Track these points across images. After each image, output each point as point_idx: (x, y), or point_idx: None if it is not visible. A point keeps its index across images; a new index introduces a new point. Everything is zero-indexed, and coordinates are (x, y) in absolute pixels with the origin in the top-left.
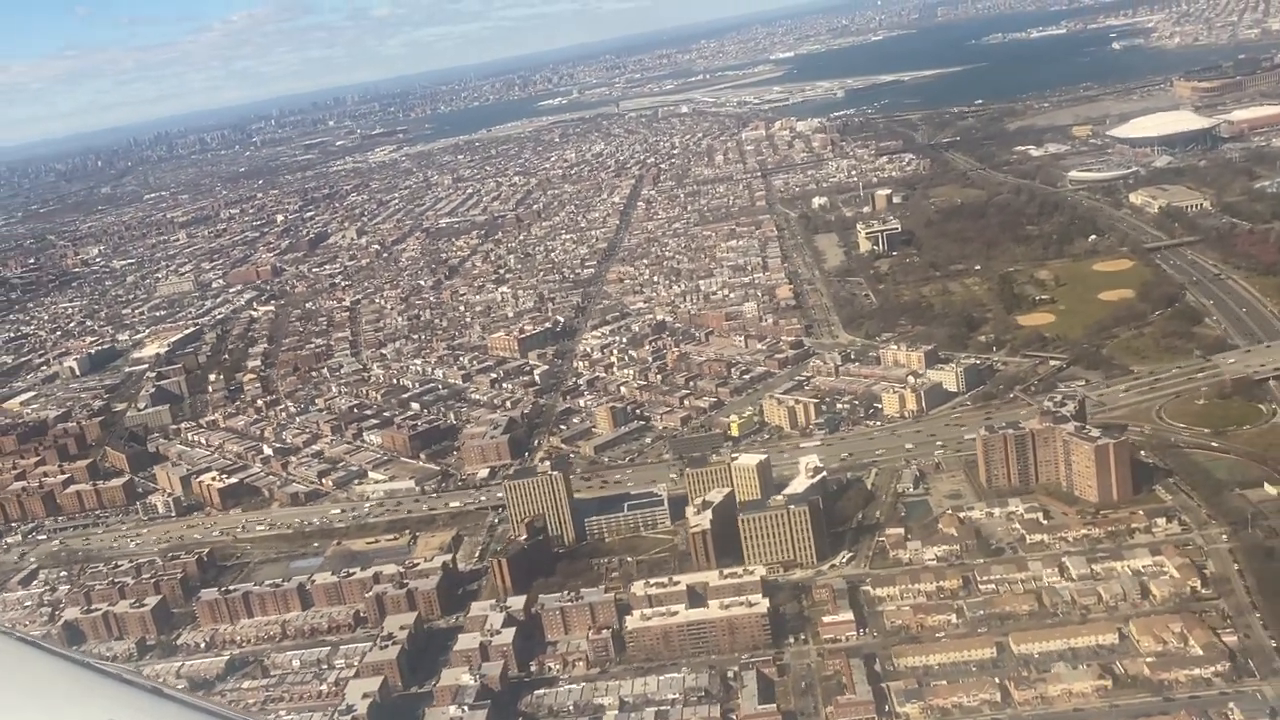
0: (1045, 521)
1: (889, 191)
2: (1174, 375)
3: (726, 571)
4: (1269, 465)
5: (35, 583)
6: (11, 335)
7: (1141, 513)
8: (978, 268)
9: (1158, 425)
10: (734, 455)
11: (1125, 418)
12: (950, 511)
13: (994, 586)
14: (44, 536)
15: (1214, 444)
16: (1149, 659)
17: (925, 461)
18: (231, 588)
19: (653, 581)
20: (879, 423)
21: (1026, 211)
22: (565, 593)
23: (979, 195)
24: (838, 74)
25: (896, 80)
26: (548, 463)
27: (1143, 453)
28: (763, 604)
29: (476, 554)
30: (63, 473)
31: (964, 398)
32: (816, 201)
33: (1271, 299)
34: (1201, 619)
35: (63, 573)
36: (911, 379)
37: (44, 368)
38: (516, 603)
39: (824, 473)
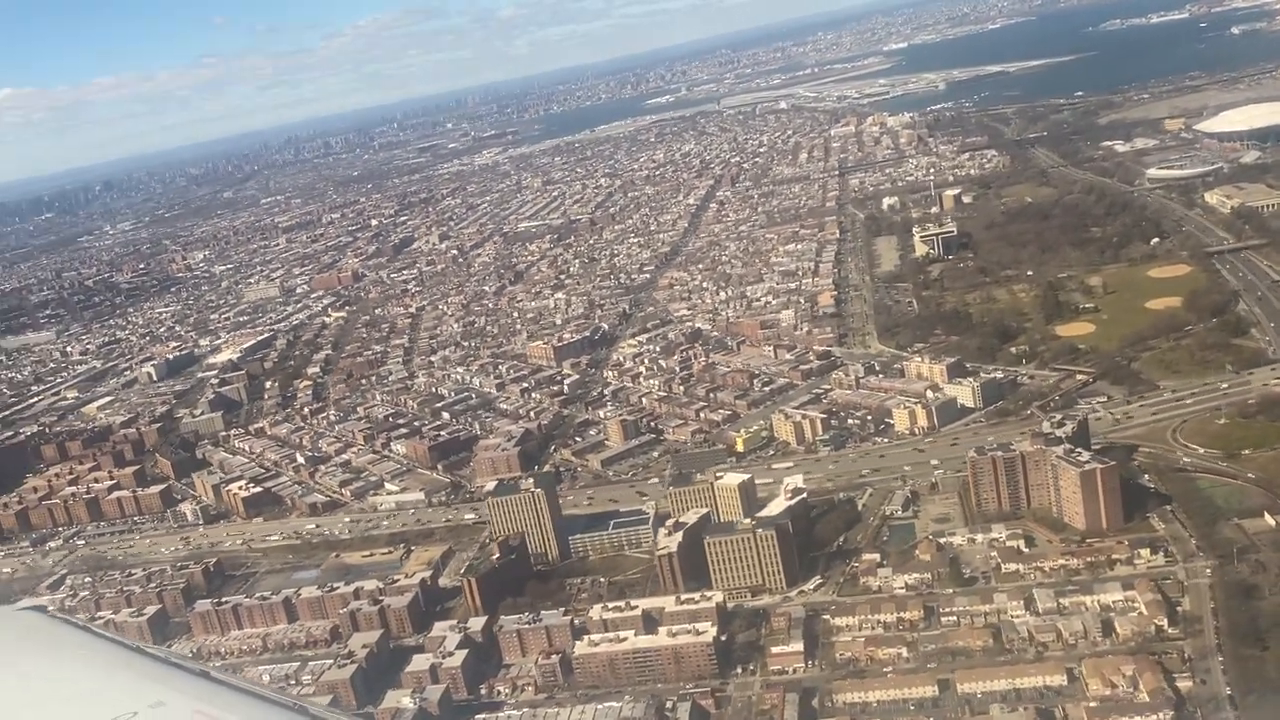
0: (1025, 550)
1: (958, 191)
2: (1201, 392)
3: (684, 597)
4: (1276, 493)
5: (63, 588)
6: (106, 340)
7: (1125, 543)
8: (1030, 273)
9: (1169, 446)
10: (718, 474)
11: (1139, 437)
12: (930, 537)
13: (955, 619)
14: (82, 542)
15: (1224, 468)
16: (1092, 704)
17: (922, 482)
18: (224, 599)
19: (610, 605)
20: (887, 439)
21: (1094, 212)
22: (524, 615)
23: (1052, 195)
24: (946, 65)
25: (1001, 71)
26: (531, 479)
27: (1146, 477)
28: (710, 633)
29: (462, 570)
30: (111, 478)
31: (979, 414)
32: (886, 201)
33: None
34: (1159, 662)
35: (87, 579)
36: (929, 394)
37: (128, 372)
38: (481, 623)
39: (804, 494)
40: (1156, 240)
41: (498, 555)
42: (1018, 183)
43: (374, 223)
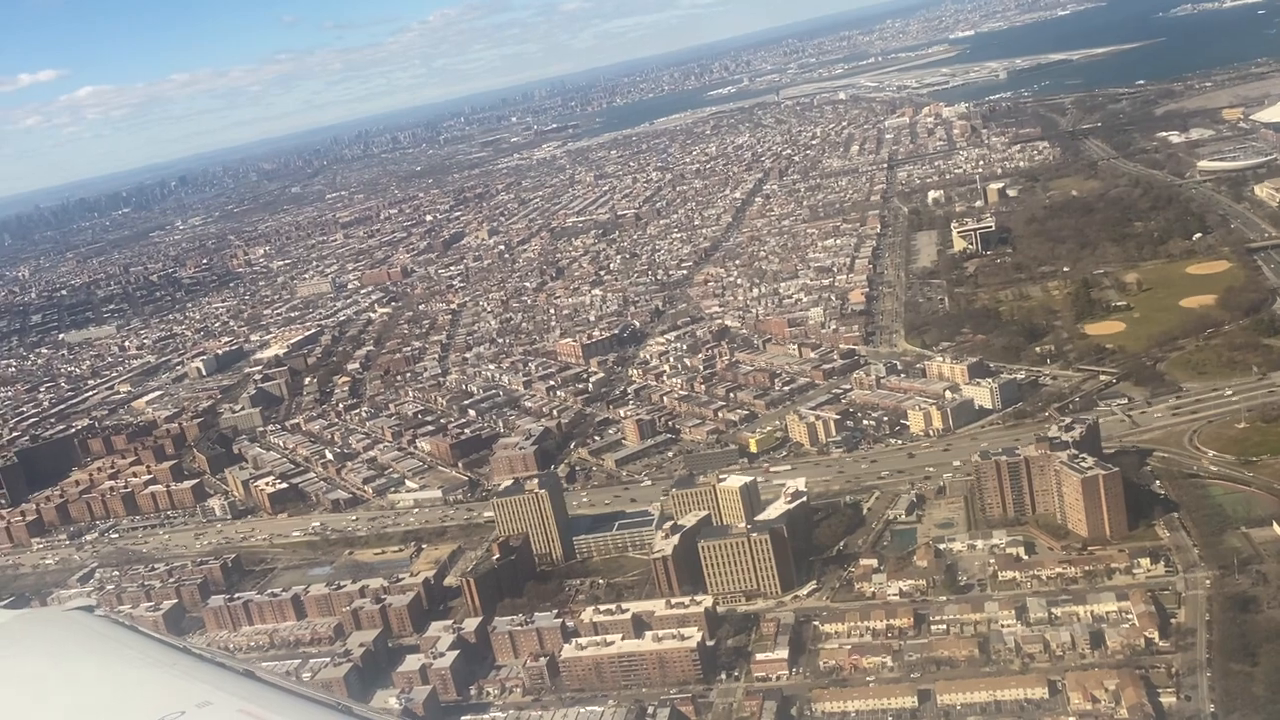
0: (1024, 557)
1: (1002, 185)
2: (1225, 394)
3: (674, 601)
4: None
5: (92, 581)
6: (162, 335)
7: (1126, 551)
8: (1066, 269)
9: (1185, 451)
10: (721, 476)
11: (1156, 441)
12: (930, 543)
13: (944, 627)
14: (116, 535)
15: (1239, 475)
16: (1071, 718)
17: (929, 486)
18: (236, 595)
19: (601, 608)
20: (901, 441)
21: (1138, 206)
22: (517, 616)
23: (1098, 188)
24: (1010, 53)
25: (1065, 60)
26: (536, 480)
27: (1157, 483)
28: (695, 638)
29: (470, 569)
30: (149, 473)
31: (996, 416)
32: (931, 195)
33: None
34: (1145, 676)
35: (114, 572)
36: (948, 394)
37: (179, 367)
38: (475, 624)
39: (804, 497)
40: (1198, 235)
41: (497, 556)
42: (1066, 175)
43: (429, 218)
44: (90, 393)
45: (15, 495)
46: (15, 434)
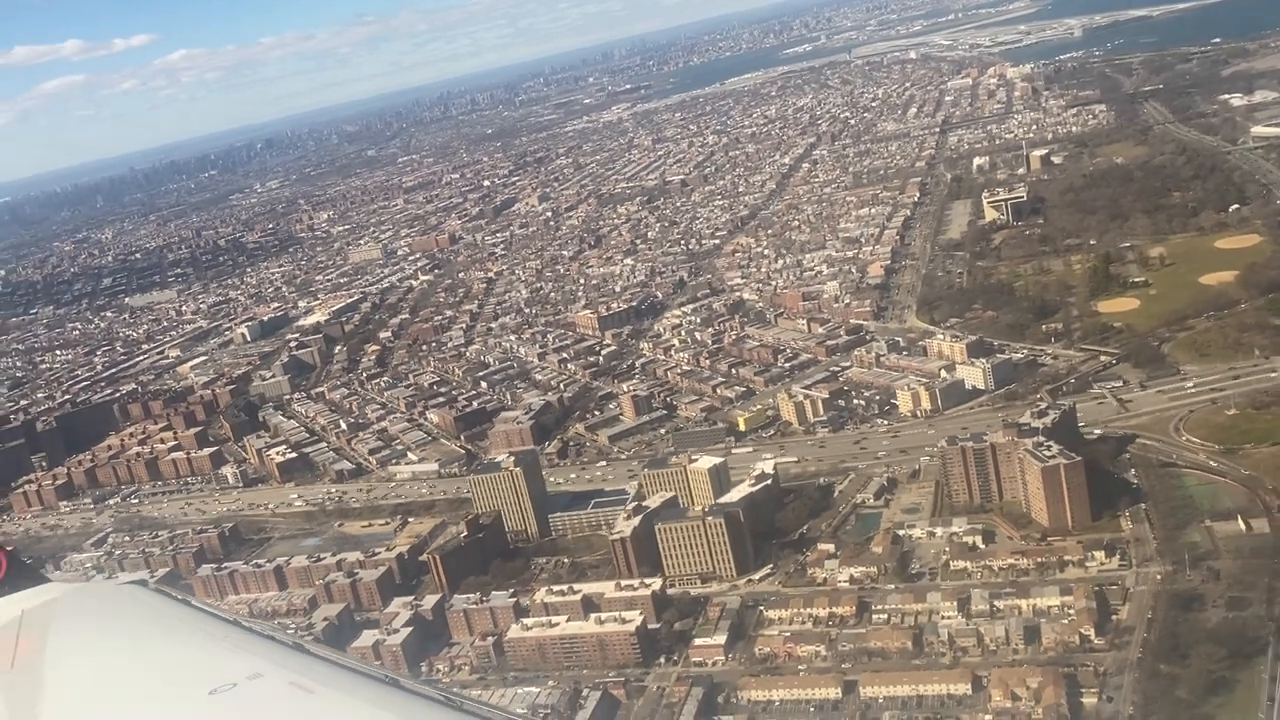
0: (981, 546)
1: (1046, 151)
2: (1223, 378)
3: (624, 583)
4: (1260, 494)
5: (106, 545)
6: (218, 300)
7: (1080, 543)
8: (1093, 242)
9: (1169, 439)
10: (693, 458)
11: (1141, 427)
12: (889, 529)
13: (885, 617)
14: (135, 501)
15: (1217, 465)
16: (988, 716)
17: (904, 469)
18: (224, 565)
19: (554, 589)
20: (888, 422)
21: (1180, 175)
22: (473, 595)
23: (1145, 154)
24: (1092, 9)
25: (1145, 16)
26: (512, 458)
27: (1132, 471)
28: (634, 621)
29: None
30: (175, 439)
31: (988, 397)
32: (976, 162)
33: None
34: (1072, 675)
35: (126, 537)
36: (943, 374)
37: (228, 333)
38: (434, 601)
39: (769, 479)
40: (1235, 207)
41: (466, 533)
42: (1116, 141)
43: (486, 183)
44: (141, 357)
45: (54, 458)
46: (67, 397)
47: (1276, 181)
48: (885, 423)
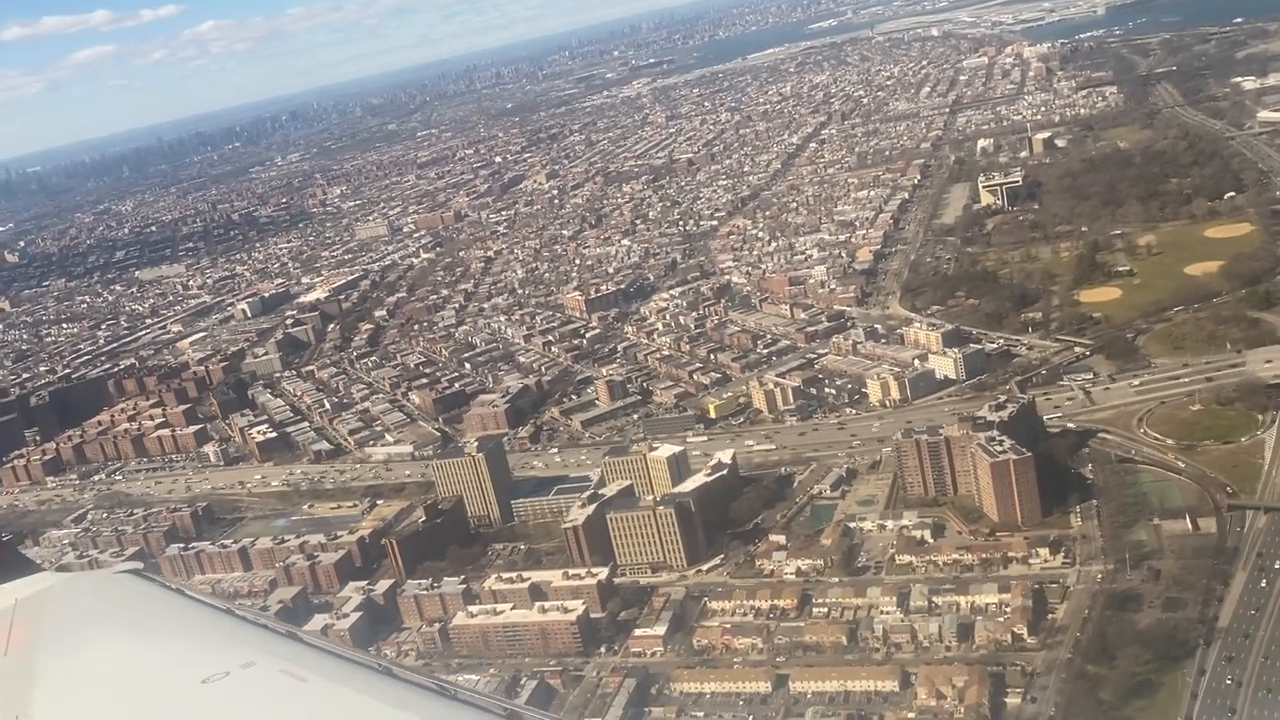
0: (929, 541)
1: (1049, 134)
2: (1193, 372)
3: (571, 572)
4: (1213, 493)
5: (85, 521)
6: (224, 275)
7: (1026, 540)
8: (1084, 229)
9: (1131, 433)
10: (653, 446)
11: (1105, 421)
12: (840, 521)
13: (826, 611)
14: (120, 478)
15: (1174, 461)
16: (912, 714)
17: (864, 460)
18: (191, 545)
19: (504, 576)
20: (857, 411)
21: (1180, 161)
22: (426, 580)
23: (1149, 139)
24: None
25: None
26: (475, 443)
27: (1089, 467)
28: (576, 611)
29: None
30: (163, 416)
31: (958, 387)
32: (981, 144)
33: None
34: (1000, 674)
35: (105, 514)
36: (917, 364)
37: (230, 308)
38: (387, 586)
39: (725, 469)
40: (1230, 195)
41: (425, 518)
42: (1122, 125)
43: (498, 160)
44: (144, 332)
45: (46, 433)
46: (67, 370)
47: (1276, 169)
48: (854, 412)
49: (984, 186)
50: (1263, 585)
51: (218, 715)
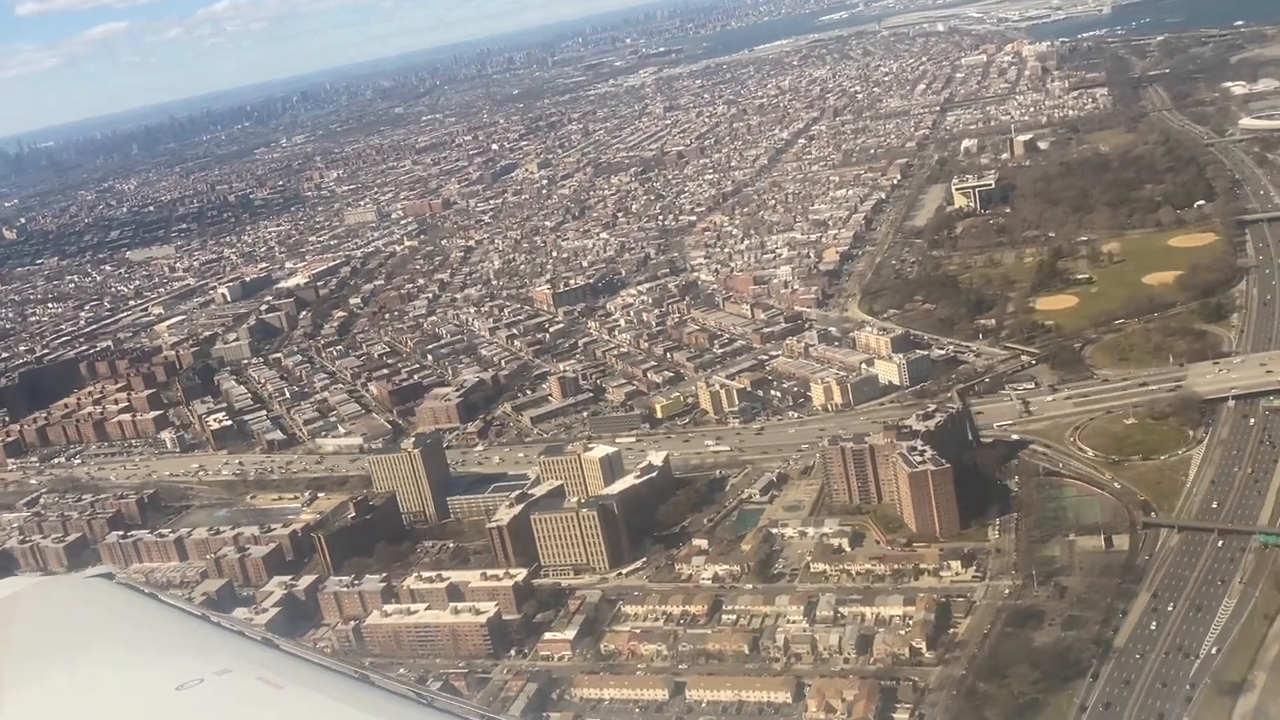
0: (846, 549)
1: (1031, 136)
2: (1133, 384)
3: (489, 573)
4: (1132, 509)
5: (37, 506)
6: (211, 258)
7: (940, 552)
8: (1051, 235)
9: (1062, 446)
10: (588, 446)
11: (1039, 433)
12: (763, 526)
13: (734, 618)
14: (79, 461)
15: (1099, 476)
16: None
17: (798, 465)
18: (130, 533)
19: (424, 575)
20: (799, 415)
21: (1155, 167)
22: (347, 577)
23: (1130, 143)
24: None
25: None
26: (413, 439)
27: (1016, 479)
28: (487, 613)
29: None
30: (128, 400)
31: (900, 393)
32: (965, 144)
33: None
34: (892, 688)
35: (56, 499)
36: (864, 368)
37: (212, 292)
38: (309, 582)
39: (655, 472)
40: (1200, 203)
41: (354, 514)
42: (1108, 128)
43: (494, 147)
44: (125, 314)
45: (15, 414)
46: (45, 351)
47: (1250, 177)
48: (797, 415)
49: (957, 189)
50: (1165, 607)
51: None
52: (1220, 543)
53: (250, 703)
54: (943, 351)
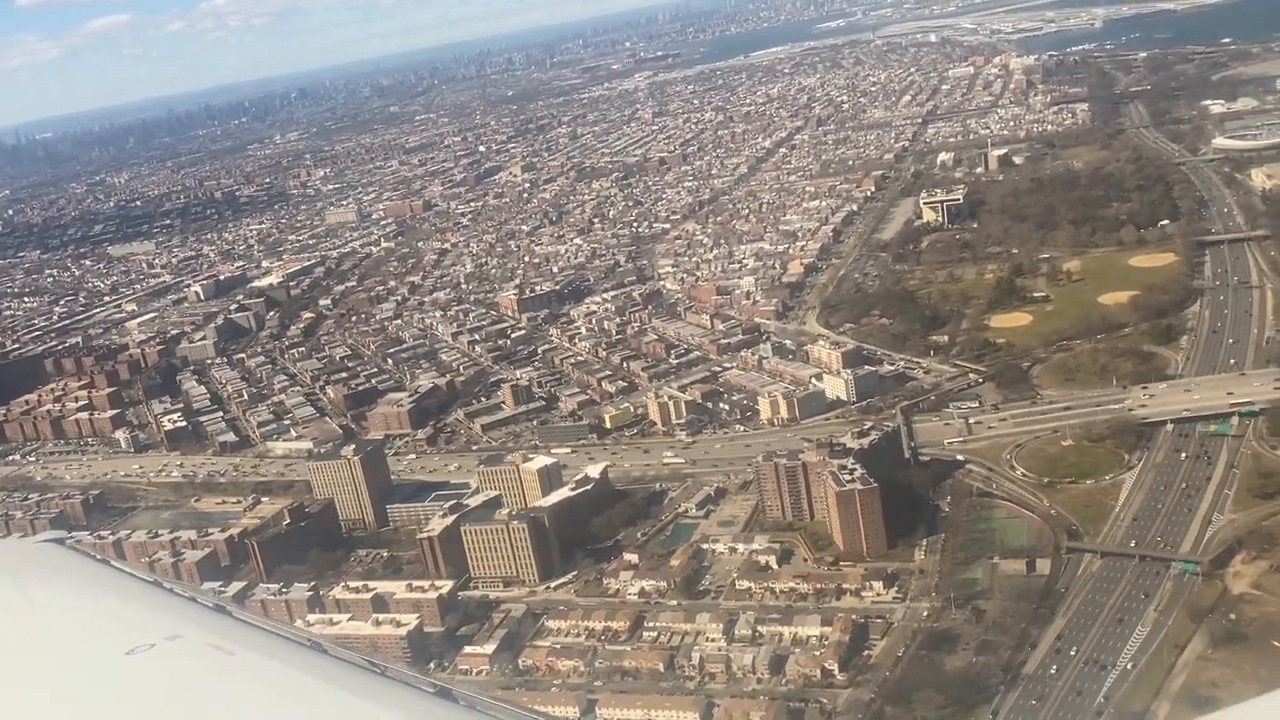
0: (773, 567)
1: (1005, 151)
2: (1075, 406)
3: (415, 584)
4: (1058, 533)
5: None
6: (190, 255)
7: (863, 572)
8: (1014, 251)
9: (997, 467)
10: (528, 456)
11: (977, 453)
12: (694, 542)
13: (655, 635)
14: (34, 459)
15: (1030, 498)
16: None
17: (736, 479)
18: (70, 535)
19: (350, 585)
20: (745, 428)
21: (1124, 186)
22: (275, 585)
23: (1103, 160)
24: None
25: (1168, 10)
26: (353, 447)
27: (948, 499)
28: (408, 625)
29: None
30: (88, 398)
31: (846, 409)
32: (941, 157)
33: None
34: (800, 710)
35: (4, 497)
36: (813, 383)
37: (187, 289)
38: (236, 589)
39: (590, 484)
40: (1164, 223)
41: (288, 521)
42: (1084, 144)
43: (481, 149)
44: (99, 310)
45: None
46: (15, 346)
47: (1217, 198)
48: (743, 429)
49: (925, 203)
50: (1078, 634)
51: (141, 687)
52: (1140, 570)
53: (201, 669)
54: (892, 367)
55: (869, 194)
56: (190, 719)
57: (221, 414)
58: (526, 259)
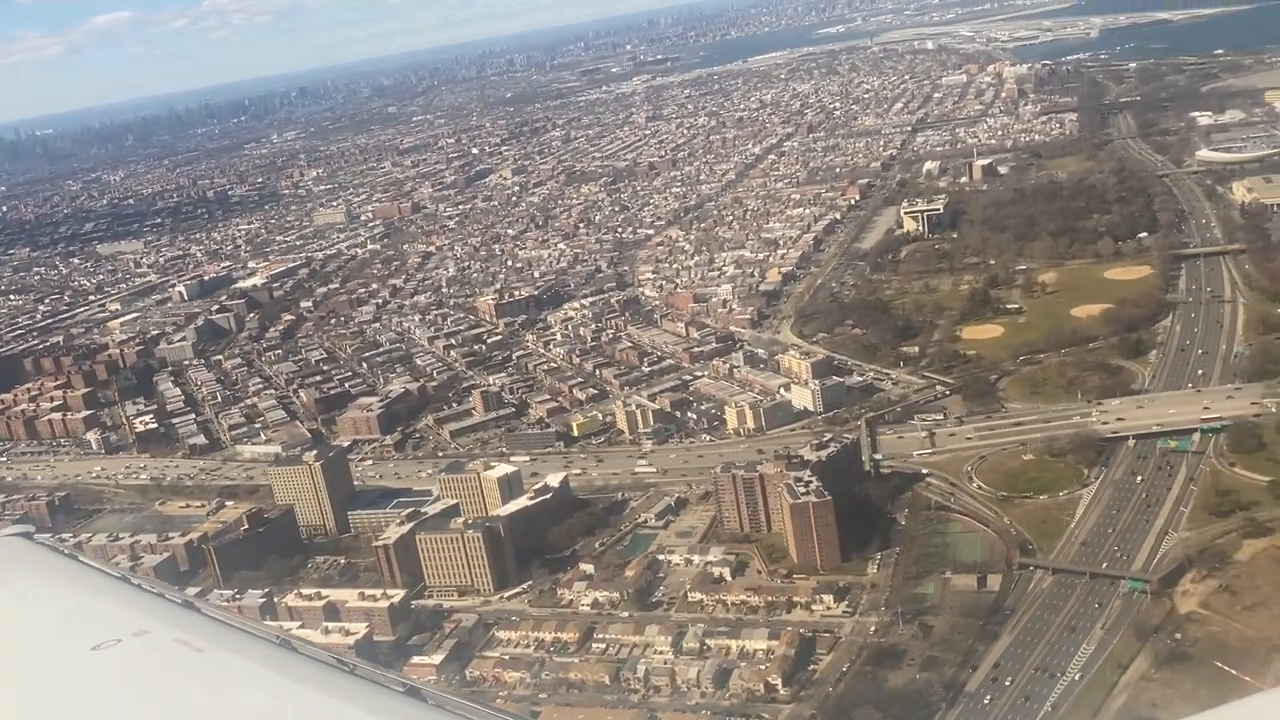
0: (727, 579)
1: (990, 161)
2: (1040, 420)
3: (366, 593)
4: (1011, 549)
5: None
6: (177, 254)
7: (814, 585)
8: (991, 262)
9: (957, 481)
10: (489, 464)
11: (938, 466)
12: (650, 552)
13: (604, 647)
14: (3, 459)
15: (987, 513)
16: None
17: (697, 490)
18: (35, 530)
19: (303, 592)
20: (711, 438)
21: (1107, 197)
22: (228, 591)
23: (1087, 170)
24: (1120, 9)
25: (1164, 20)
26: (314, 452)
27: (906, 512)
28: (358, 634)
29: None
30: (63, 398)
31: (812, 419)
32: (927, 166)
33: (1253, 333)
34: None
35: None
36: (781, 393)
37: (171, 289)
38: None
39: (550, 493)
40: (1142, 235)
41: (246, 526)
42: (1070, 154)
43: (474, 151)
44: (83, 309)
45: None
46: None
47: (1197, 210)
48: (709, 439)
49: (906, 212)
50: (1022, 651)
51: (107, 683)
52: (1090, 587)
53: (168, 665)
54: (861, 378)
55: (853, 202)
56: (157, 716)
57: (194, 416)
58: (509, 263)
